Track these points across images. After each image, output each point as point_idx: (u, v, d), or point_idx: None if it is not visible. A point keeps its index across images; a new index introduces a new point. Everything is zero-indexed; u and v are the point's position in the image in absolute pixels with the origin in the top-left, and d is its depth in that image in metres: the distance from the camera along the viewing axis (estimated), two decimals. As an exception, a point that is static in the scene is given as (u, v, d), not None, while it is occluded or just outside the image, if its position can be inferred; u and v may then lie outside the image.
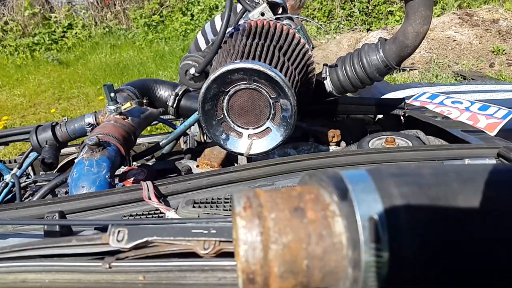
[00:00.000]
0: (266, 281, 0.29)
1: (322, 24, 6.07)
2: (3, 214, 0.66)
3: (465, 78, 3.88)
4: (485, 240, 0.30)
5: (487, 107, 1.91)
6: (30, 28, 6.69)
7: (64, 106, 4.50)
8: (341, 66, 1.03)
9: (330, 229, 0.30)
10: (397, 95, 2.24)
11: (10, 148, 3.24)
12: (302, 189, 0.33)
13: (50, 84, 5.24)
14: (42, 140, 1.04)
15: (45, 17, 6.81)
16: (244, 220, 0.30)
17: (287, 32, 0.96)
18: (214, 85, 0.80)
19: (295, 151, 1.10)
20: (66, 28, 6.75)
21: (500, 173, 0.33)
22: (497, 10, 5.29)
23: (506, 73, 4.23)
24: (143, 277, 0.41)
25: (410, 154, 0.78)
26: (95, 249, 0.44)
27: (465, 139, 0.95)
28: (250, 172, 0.74)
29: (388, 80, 3.90)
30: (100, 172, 0.79)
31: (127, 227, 0.44)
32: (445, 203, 0.30)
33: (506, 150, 0.76)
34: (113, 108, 0.96)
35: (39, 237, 0.61)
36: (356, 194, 0.30)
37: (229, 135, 0.87)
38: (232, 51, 0.87)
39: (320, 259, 0.29)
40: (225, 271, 0.41)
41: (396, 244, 0.29)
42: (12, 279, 0.43)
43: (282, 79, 0.78)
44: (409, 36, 0.92)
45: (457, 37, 4.88)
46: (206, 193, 0.71)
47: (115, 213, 0.68)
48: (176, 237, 0.42)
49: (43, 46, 6.51)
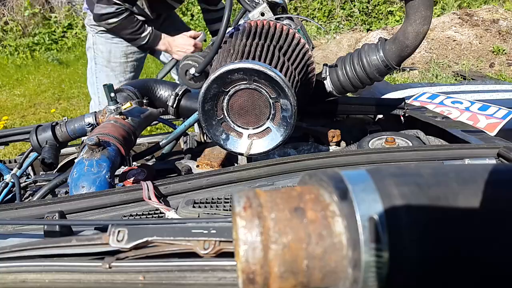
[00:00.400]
0: (266, 281, 0.29)
1: (322, 24, 6.07)
2: (3, 214, 0.66)
3: (465, 78, 3.88)
4: (485, 240, 0.30)
5: (487, 107, 1.91)
6: (30, 28, 6.69)
7: (64, 106, 4.50)
8: (341, 66, 1.03)
9: (330, 229, 0.30)
10: (397, 95, 2.24)
11: (10, 148, 3.24)
12: (302, 189, 0.33)
13: (50, 84, 5.24)
14: (42, 140, 1.04)
15: (45, 17, 6.81)
16: (244, 220, 0.30)
17: (287, 32, 0.96)
18: (214, 85, 0.80)
19: (295, 151, 1.10)
20: (66, 28, 6.75)
21: (500, 173, 0.33)
22: (497, 10, 5.29)
23: (506, 73, 4.23)
24: (143, 277, 0.41)
25: (410, 154, 0.78)
26: (95, 249, 0.44)
27: (465, 139, 0.95)
28: (250, 172, 0.74)
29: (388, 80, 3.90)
30: (100, 172, 0.79)
31: (127, 227, 0.44)
32: (445, 203, 0.30)
33: (506, 150, 0.76)
34: (113, 108, 0.96)
35: (39, 237, 0.61)
36: (356, 194, 0.30)
37: (229, 135, 0.87)
38: (232, 51, 0.88)
39: (320, 259, 0.29)
40: (225, 271, 0.41)
41: (396, 244, 0.29)
42: (12, 279, 0.43)
43: (282, 79, 0.78)
44: (409, 36, 0.92)
45: (457, 37, 4.88)
46: (206, 193, 0.71)
47: (115, 213, 0.68)
48: (176, 237, 0.42)
49: (43, 46, 6.51)
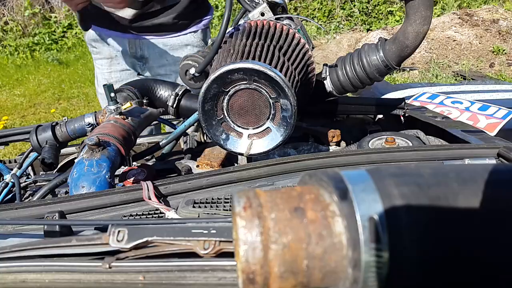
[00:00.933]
0: (266, 281, 0.29)
1: (322, 24, 6.07)
2: (3, 214, 0.66)
3: (465, 78, 3.88)
4: (485, 240, 0.30)
5: (487, 107, 1.91)
6: (30, 28, 6.69)
7: (64, 106, 4.50)
8: (341, 66, 1.03)
9: (330, 229, 0.30)
10: (397, 95, 2.24)
11: (10, 148, 3.24)
12: (302, 189, 0.33)
13: (50, 84, 5.24)
14: (42, 140, 1.04)
15: (45, 17, 6.81)
16: (244, 220, 0.30)
17: (287, 32, 0.96)
18: (214, 85, 0.80)
19: (295, 151, 1.10)
20: (66, 28, 6.75)
21: (500, 173, 0.33)
22: (497, 10, 5.30)
23: (506, 73, 4.23)
24: (143, 277, 0.41)
25: (410, 154, 0.78)
26: (95, 249, 0.44)
27: (465, 139, 0.95)
28: (250, 172, 0.74)
29: (388, 80, 3.90)
30: (100, 172, 0.79)
31: (127, 227, 0.44)
32: (445, 203, 0.30)
33: (506, 150, 0.76)
34: (113, 108, 0.96)
35: (39, 237, 0.61)
36: (356, 194, 0.30)
37: (229, 135, 0.87)
38: (232, 51, 0.88)
39: (320, 259, 0.29)
40: (225, 271, 0.41)
41: (396, 244, 0.29)
42: (12, 279, 0.43)
43: (282, 79, 0.78)
44: (409, 36, 0.92)
45: (457, 37, 4.88)
46: (206, 193, 0.71)
47: (115, 213, 0.68)
48: (176, 237, 0.42)
49: (43, 46, 6.51)
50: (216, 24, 6.20)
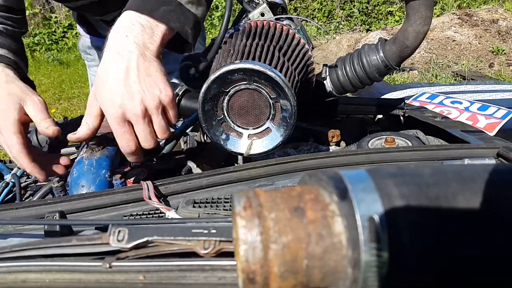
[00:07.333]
0: (266, 280, 0.29)
1: (322, 24, 6.08)
2: (3, 214, 0.66)
3: (464, 78, 3.88)
4: (485, 240, 0.30)
5: (486, 107, 1.91)
6: (30, 28, 6.69)
7: (65, 106, 4.50)
8: (341, 66, 1.03)
9: (330, 229, 0.30)
10: (396, 95, 2.25)
11: (10, 148, 3.23)
12: (302, 189, 0.33)
13: (50, 84, 5.24)
14: (42, 140, 1.04)
15: (46, 17, 6.81)
16: (244, 220, 0.30)
17: (287, 33, 0.96)
18: (214, 85, 0.80)
19: (295, 151, 1.10)
20: (66, 29, 6.75)
21: (500, 173, 0.33)
22: (497, 10, 5.30)
23: (506, 73, 4.23)
24: (143, 276, 0.41)
25: (410, 154, 0.78)
26: (95, 249, 0.44)
27: (465, 139, 0.95)
28: (250, 172, 0.74)
29: (388, 80, 3.90)
30: (99, 171, 0.79)
31: (128, 227, 0.44)
32: (444, 203, 0.30)
33: (505, 150, 0.76)
34: (113, 108, 0.96)
35: (39, 237, 0.61)
36: (356, 194, 0.30)
37: (229, 135, 0.87)
38: (232, 51, 0.88)
39: (320, 259, 0.29)
40: (225, 270, 0.41)
41: (396, 244, 0.29)
42: (12, 279, 0.43)
43: (282, 79, 0.78)
44: (409, 37, 0.92)
45: (456, 37, 4.88)
46: (206, 193, 0.71)
47: (116, 213, 0.68)
48: (176, 237, 0.42)
49: (44, 46, 6.51)
50: (216, 24, 6.20)
